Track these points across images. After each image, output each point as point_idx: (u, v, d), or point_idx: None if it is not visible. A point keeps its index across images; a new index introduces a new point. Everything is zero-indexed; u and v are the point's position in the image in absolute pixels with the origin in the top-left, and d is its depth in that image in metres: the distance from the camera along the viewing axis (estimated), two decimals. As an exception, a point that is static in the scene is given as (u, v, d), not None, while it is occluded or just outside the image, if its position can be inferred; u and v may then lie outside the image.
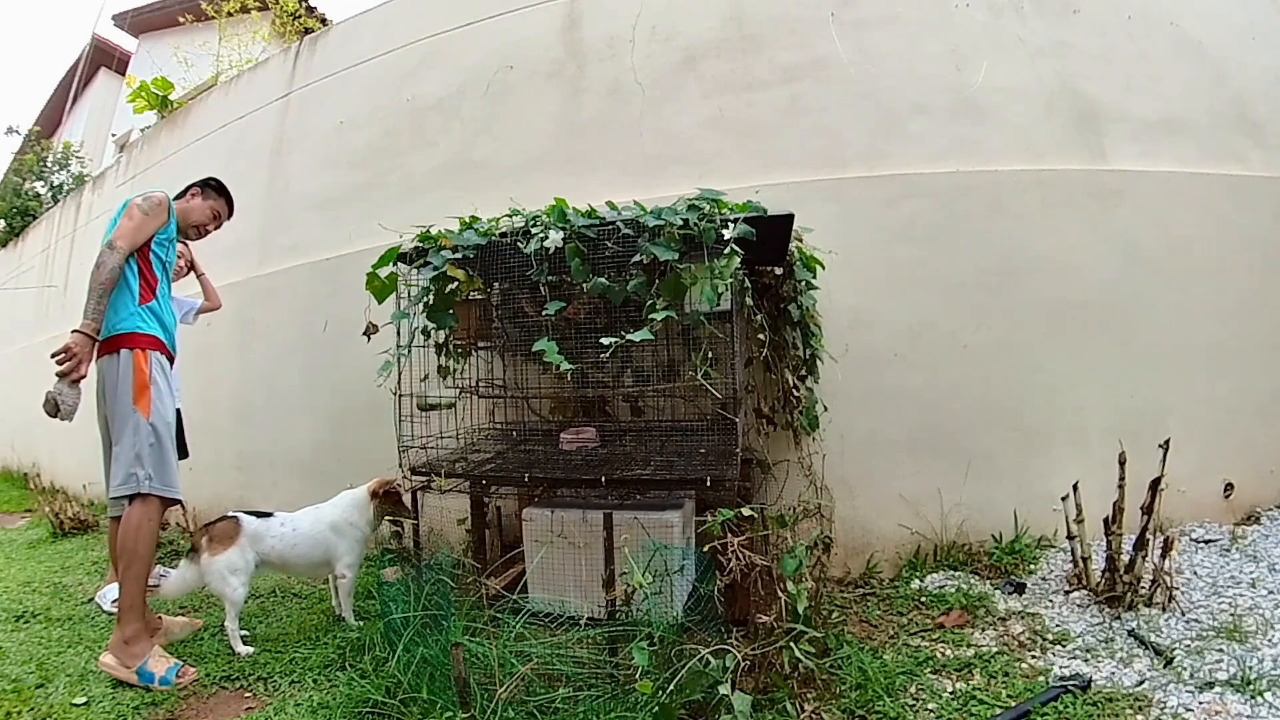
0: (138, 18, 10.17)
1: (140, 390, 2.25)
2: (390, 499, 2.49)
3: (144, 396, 2.25)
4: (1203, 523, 2.64)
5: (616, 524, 2.11)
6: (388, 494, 2.48)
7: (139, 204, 2.35)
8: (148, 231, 2.34)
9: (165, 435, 2.28)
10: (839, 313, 2.78)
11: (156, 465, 2.22)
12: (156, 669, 2.09)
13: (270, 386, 3.94)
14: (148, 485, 2.20)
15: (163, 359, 2.36)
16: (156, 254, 2.39)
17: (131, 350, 2.27)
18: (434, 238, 2.38)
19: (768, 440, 2.78)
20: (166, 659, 2.14)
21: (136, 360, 2.26)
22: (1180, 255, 2.82)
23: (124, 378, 2.24)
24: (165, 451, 2.26)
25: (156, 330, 2.35)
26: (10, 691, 2.04)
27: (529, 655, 1.80)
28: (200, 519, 3.49)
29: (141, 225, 2.32)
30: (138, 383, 2.25)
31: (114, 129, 10.06)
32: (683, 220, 2.10)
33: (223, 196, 2.71)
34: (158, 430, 2.25)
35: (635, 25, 3.26)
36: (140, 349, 2.28)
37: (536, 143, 3.34)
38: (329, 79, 4.05)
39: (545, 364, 2.35)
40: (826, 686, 1.83)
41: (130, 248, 2.28)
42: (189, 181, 2.69)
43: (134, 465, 2.19)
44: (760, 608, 1.84)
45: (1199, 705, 1.60)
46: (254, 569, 2.35)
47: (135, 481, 2.19)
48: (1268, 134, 3.02)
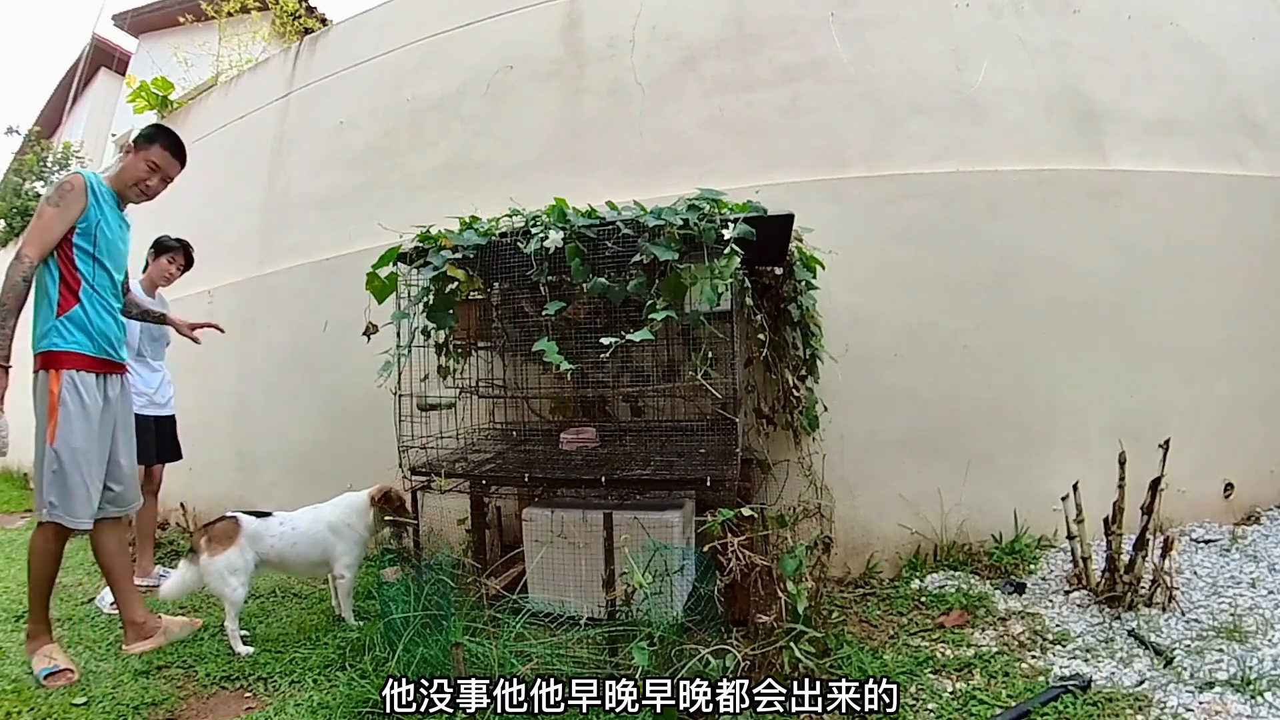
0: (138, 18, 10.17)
1: (49, 414, 2.12)
2: (391, 505, 2.48)
3: (51, 421, 2.12)
4: (1203, 523, 2.64)
5: (616, 524, 2.11)
6: (387, 499, 2.47)
7: (48, 197, 2.14)
8: (60, 228, 2.13)
9: (70, 462, 2.13)
10: (839, 313, 2.78)
11: (60, 493, 2.12)
12: (36, 665, 2.11)
13: (270, 386, 3.94)
14: (47, 514, 2.12)
15: (81, 376, 2.17)
16: (81, 247, 2.18)
17: (46, 372, 2.14)
18: (434, 238, 2.38)
19: (768, 440, 2.78)
20: (47, 658, 2.12)
21: (49, 382, 2.13)
22: (1180, 255, 2.82)
23: (39, 402, 2.14)
24: (68, 478, 2.13)
25: (77, 343, 2.17)
26: (10, 691, 2.04)
27: (529, 655, 1.80)
28: (200, 519, 3.49)
29: (51, 223, 2.11)
30: (48, 406, 2.12)
31: (114, 129, 10.05)
32: (683, 220, 2.10)
33: (155, 142, 2.35)
34: (60, 457, 2.12)
35: (635, 25, 3.26)
36: (53, 370, 2.14)
37: (536, 143, 3.34)
38: (329, 79, 4.05)
39: (545, 364, 2.35)
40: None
41: (41, 252, 2.10)
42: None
43: (41, 492, 2.15)
44: (760, 608, 1.84)
45: (1199, 705, 1.60)
46: (253, 569, 2.35)
47: (42, 509, 2.14)
48: (1268, 134, 3.02)
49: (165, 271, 3.14)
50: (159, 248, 3.16)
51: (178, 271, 3.20)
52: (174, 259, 3.16)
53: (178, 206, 4.70)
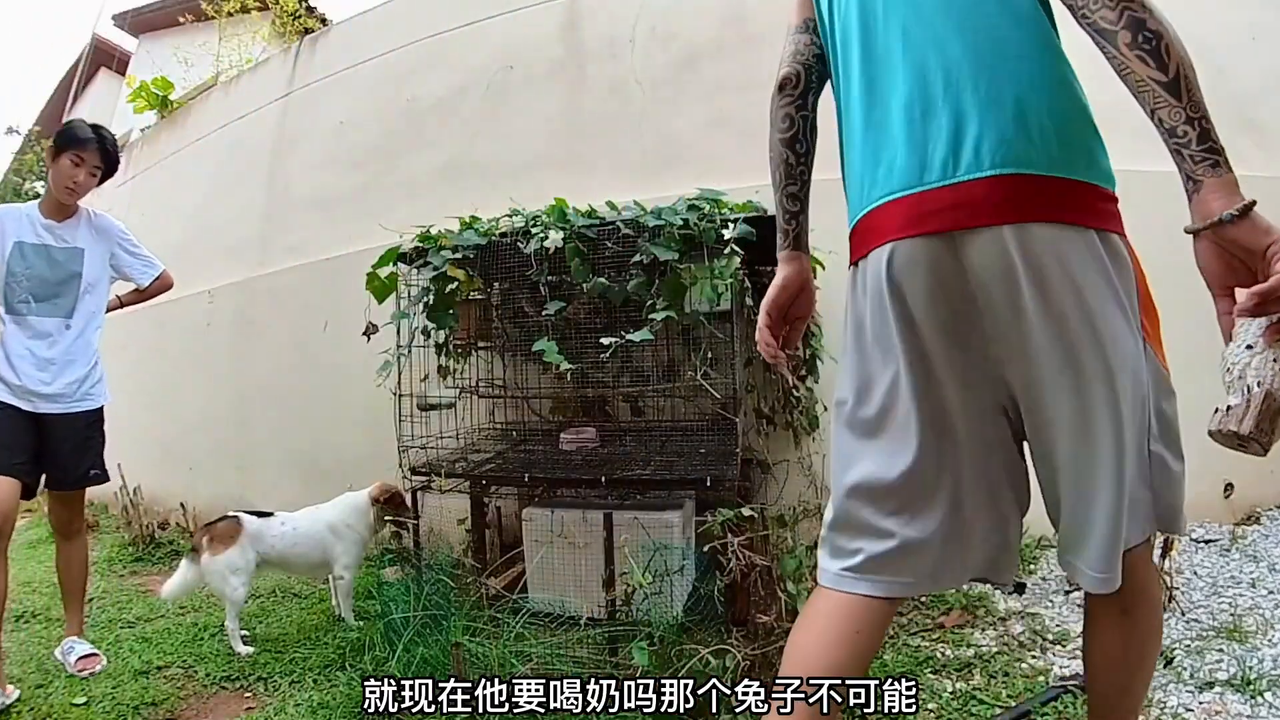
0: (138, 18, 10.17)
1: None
2: (392, 504, 2.48)
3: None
4: (1203, 523, 2.65)
5: (616, 524, 2.11)
6: (389, 499, 2.48)
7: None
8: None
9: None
10: (839, 313, 2.76)
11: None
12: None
13: (270, 386, 3.93)
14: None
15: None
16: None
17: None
18: (434, 238, 2.38)
19: (768, 440, 2.78)
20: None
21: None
22: (1180, 255, 2.81)
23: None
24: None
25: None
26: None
27: (529, 655, 1.80)
28: (200, 519, 3.49)
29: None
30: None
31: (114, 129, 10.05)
32: (683, 220, 2.10)
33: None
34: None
35: (635, 25, 3.26)
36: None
37: (536, 143, 3.34)
38: (329, 79, 4.05)
39: (545, 364, 2.35)
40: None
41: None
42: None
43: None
44: (760, 608, 1.84)
45: (1199, 705, 1.60)
46: (254, 569, 2.35)
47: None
48: (1268, 134, 3.02)
49: (67, 178, 2.10)
50: (58, 142, 2.13)
51: (87, 178, 2.15)
52: (79, 158, 2.11)
53: (178, 206, 4.73)
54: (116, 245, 2.32)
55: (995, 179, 0.89)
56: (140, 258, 2.38)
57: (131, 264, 2.35)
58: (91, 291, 2.23)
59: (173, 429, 4.44)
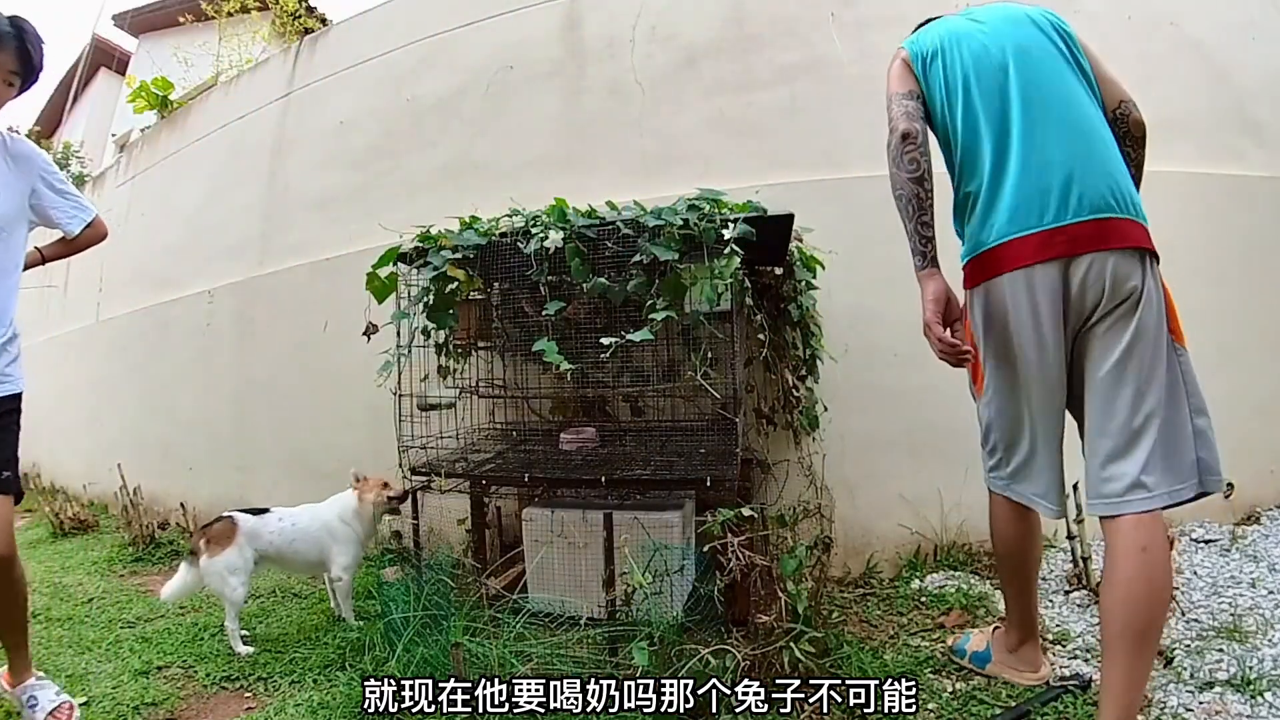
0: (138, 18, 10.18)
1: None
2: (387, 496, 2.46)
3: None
4: (1203, 523, 2.65)
5: (616, 524, 2.11)
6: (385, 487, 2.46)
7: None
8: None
9: None
10: (839, 313, 2.77)
11: None
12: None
13: (270, 386, 3.93)
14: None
15: None
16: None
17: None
18: (434, 238, 2.38)
19: (768, 440, 2.78)
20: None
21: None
22: (1179, 255, 2.81)
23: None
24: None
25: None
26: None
27: (529, 655, 1.80)
28: (200, 519, 3.48)
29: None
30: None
31: (114, 129, 10.05)
32: (683, 220, 2.10)
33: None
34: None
35: (635, 25, 3.25)
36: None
37: (536, 143, 3.34)
38: (329, 79, 4.04)
39: (545, 364, 2.35)
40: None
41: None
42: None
43: None
44: (760, 608, 1.84)
45: (1199, 705, 1.60)
46: (253, 567, 2.34)
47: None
48: (1268, 134, 3.02)
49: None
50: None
51: (2, 86, 1.70)
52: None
53: (178, 206, 4.73)
54: (39, 179, 1.82)
55: (1091, 222, 1.46)
56: (69, 197, 1.88)
57: (58, 204, 1.85)
58: (4, 238, 1.72)
59: (172, 429, 4.44)
